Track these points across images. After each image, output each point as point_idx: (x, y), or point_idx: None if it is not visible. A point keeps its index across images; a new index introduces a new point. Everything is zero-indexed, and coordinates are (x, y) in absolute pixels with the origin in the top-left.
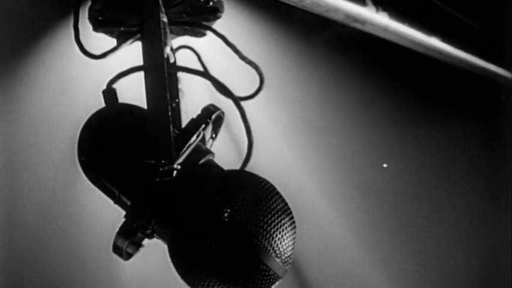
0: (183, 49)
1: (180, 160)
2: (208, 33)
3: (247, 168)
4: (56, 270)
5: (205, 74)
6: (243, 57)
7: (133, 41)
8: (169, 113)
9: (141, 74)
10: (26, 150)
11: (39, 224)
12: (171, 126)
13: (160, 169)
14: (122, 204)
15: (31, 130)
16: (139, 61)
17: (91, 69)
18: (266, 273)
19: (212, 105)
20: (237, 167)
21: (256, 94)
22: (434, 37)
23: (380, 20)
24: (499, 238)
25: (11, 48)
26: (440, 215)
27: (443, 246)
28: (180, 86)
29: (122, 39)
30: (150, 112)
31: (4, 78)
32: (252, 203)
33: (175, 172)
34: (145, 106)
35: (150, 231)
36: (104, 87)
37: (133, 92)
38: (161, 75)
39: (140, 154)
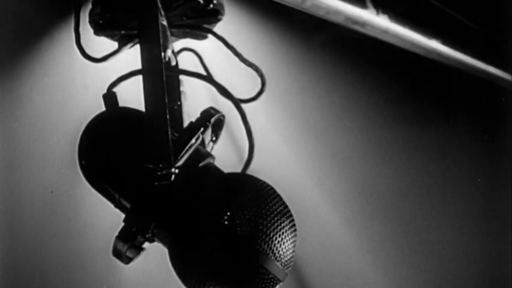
0: (186, 51)
1: (179, 163)
2: (210, 35)
3: (248, 171)
4: (56, 271)
5: (204, 76)
6: (243, 60)
7: (133, 45)
8: (168, 116)
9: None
10: (26, 153)
11: (39, 226)
12: (169, 130)
13: (158, 173)
14: (122, 208)
15: (31, 133)
16: (140, 65)
17: (92, 73)
18: (266, 276)
19: (212, 108)
20: (238, 170)
21: (258, 96)
22: (435, 39)
23: (380, 22)
24: (499, 237)
25: (12, 51)
26: (441, 215)
27: (444, 246)
28: (182, 88)
29: (123, 42)
30: (148, 115)
31: (4, 80)
32: (252, 206)
33: (173, 176)
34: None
35: (150, 235)
36: (105, 91)
37: (135, 95)
38: (159, 78)
39: (140, 158)
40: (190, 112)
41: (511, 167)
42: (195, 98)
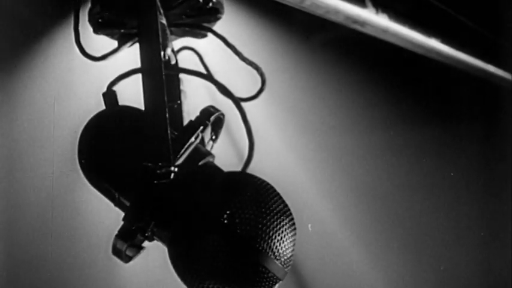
0: (186, 50)
1: (179, 162)
2: (210, 34)
3: (248, 170)
4: (56, 271)
5: (204, 75)
6: (243, 59)
7: (133, 43)
8: (167, 114)
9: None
10: (25, 152)
11: (38, 226)
12: (168, 128)
13: (158, 171)
14: (122, 207)
15: (31, 132)
16: (140, 63)
17: (91, 72)
18: (265, 275)
19: (212, 106)
20: (238, 168)
21: (258, 95)
22: (434, 38)
23: (380, 21)
24: (499, 237)
25: (11, 50)
26: (440, 215)
27: (444, 246)
28: (182, 87)
29: (122, 41)
30: (148, 114)
31: (4, 79)
32: (252, 205)
33: (173, 174)
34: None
35: (149, 233)
36: (104, 89)
37: (134, 94)
38: (159, 77)
39: (140, 156)
40: (190, 111)
41: (511, 166)
42: (195, 97)
